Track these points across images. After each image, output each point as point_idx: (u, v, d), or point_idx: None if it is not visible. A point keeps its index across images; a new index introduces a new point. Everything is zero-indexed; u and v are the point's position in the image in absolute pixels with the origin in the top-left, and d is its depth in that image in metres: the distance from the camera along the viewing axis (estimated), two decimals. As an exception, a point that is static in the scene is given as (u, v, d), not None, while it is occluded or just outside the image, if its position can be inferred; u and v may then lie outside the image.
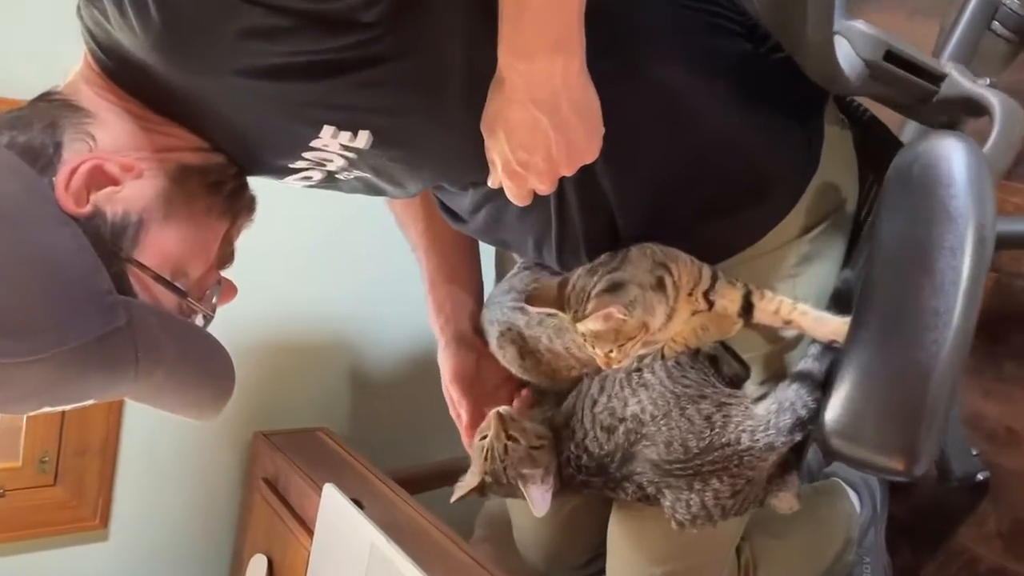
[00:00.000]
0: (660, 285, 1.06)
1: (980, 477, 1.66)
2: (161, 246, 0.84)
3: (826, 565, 1.50)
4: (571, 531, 1.41)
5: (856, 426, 0.95)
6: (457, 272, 1.33)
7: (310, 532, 1.58)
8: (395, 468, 1.83)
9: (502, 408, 1.18)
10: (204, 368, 0.84)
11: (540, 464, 1.15)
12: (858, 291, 1.02)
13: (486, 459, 1.16)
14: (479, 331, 1.32)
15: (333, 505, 1.54)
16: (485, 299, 1.36)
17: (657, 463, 1.11)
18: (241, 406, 1.80)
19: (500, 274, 1.43)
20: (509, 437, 1.15)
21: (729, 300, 1.07)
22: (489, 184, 0.95)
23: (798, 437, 1.07)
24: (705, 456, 1.07)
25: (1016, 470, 1.66)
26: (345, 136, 0.88)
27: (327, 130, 0.87)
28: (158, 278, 0.83)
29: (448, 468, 1.92)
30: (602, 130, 0.85)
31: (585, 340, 1.07)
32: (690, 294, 1.07)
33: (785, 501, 1.13)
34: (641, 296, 1.03)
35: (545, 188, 0.92)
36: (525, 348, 1.24)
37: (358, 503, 1.52)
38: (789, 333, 1.13)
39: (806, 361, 1.13)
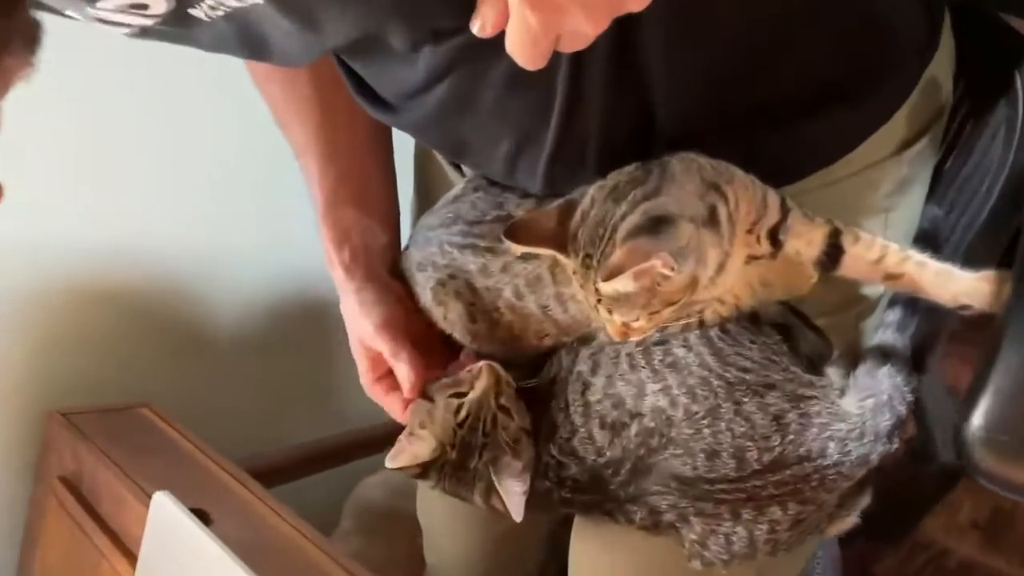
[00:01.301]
0: (712, 219, 0.69)
1: (894, 447, 1.42)
2: None
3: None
4: (508, 556, 1.06)
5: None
6: (367, 190, 0.92)
7: (130, 555, 1.12)
8: (248, 456, 1.38)
9: (494, 362, 0.82)
10: None
11: (523, 456, 0.80)
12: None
13: (460, 425, 0.79)
14: (398, 277, 0.91)
15: (165, 518, 1.08)
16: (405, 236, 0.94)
17: (690, 481, 0.75)
18: (29, 374, 1.31)
19: (422, 198, 1.00)
20: (501, 407, 0.79)
21: (806, 242, 0.72)
22: (475, 30, 0.54)
23: (895, 445, 0.73)
24: (770, 475, 0.72)
25: (1001, 452, 1.42)
26: None
27: None
28: None
29: (315, 452, 1.51)
30: None
31: (597, 303, 0.68)
32: (749, 231, 0.71)
33: (848, 523, 0.80)
34: (695, 238, 0.66)
35: (593, 28, 0.52)
36: (477, 305, 0.85)
37: (201, 514, 1.08)
38: (872, 291, 0.79)
39: (884, 333, 0.80)
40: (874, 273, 0.72)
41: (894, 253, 0.71)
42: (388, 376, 0.87)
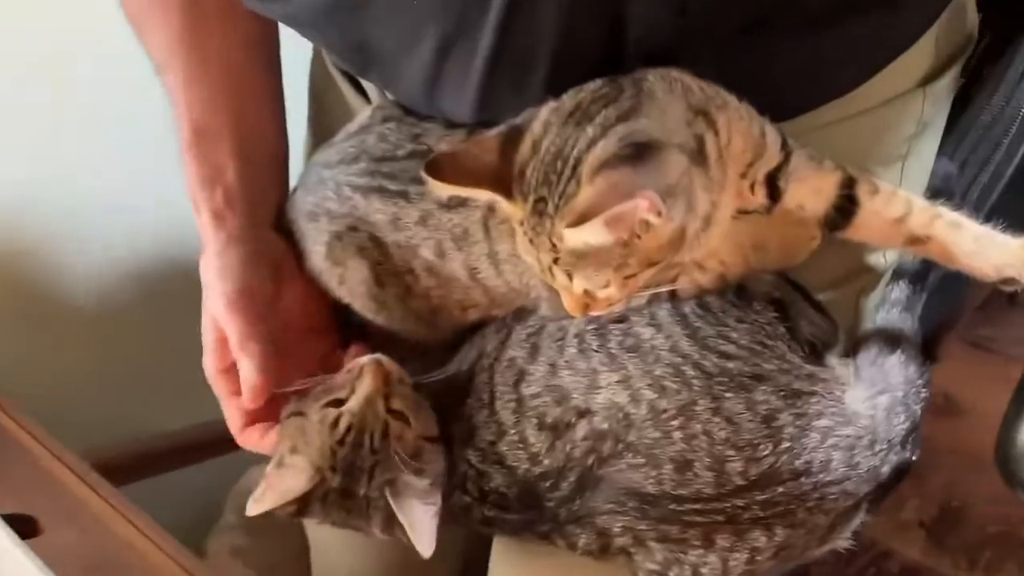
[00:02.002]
0: (700, 154, 0.51)
1: (914, 457, 1.31)
2: None
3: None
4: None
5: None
6: (246, 117, 0.71)
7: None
8: (97, 447, 1.13)
9: (381, 356, 0.64)
10: None
11: (428, 471, 0.62)
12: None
13: (340, 442, 0.60)
14: (284, 231, 0.71)
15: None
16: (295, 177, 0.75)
17: (652, 498, 0.59)
18: None
19: (318, 134, 0.80)
20: (393, 412, 0.61)
21: (811, 192, 0.57)
22: None
23: (910, 454, 0.59)
24: (757, 492, 0.57)
25: (951, 447, 1.33)
26: None
27: None
28: None
29: (184, 442, 1.29)
30: None
31: (553, 264, 0.50)
32: (742, 175, 0.55)
33: (840, 546, 0.65)
34: (687, 176, 0.49)
35: None
36: (385, 266, 0.67)
37: (25, 521, 0.87)
38: (878, 261, 0.64)
39: (889, 313, 0.66)
40: (894, 235, 0.57)
41: (922, 210, 0.56)
42: (235, 370, 0.67)
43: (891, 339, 0.63)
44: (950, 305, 0.67)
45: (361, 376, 0.62)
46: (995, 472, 1.36)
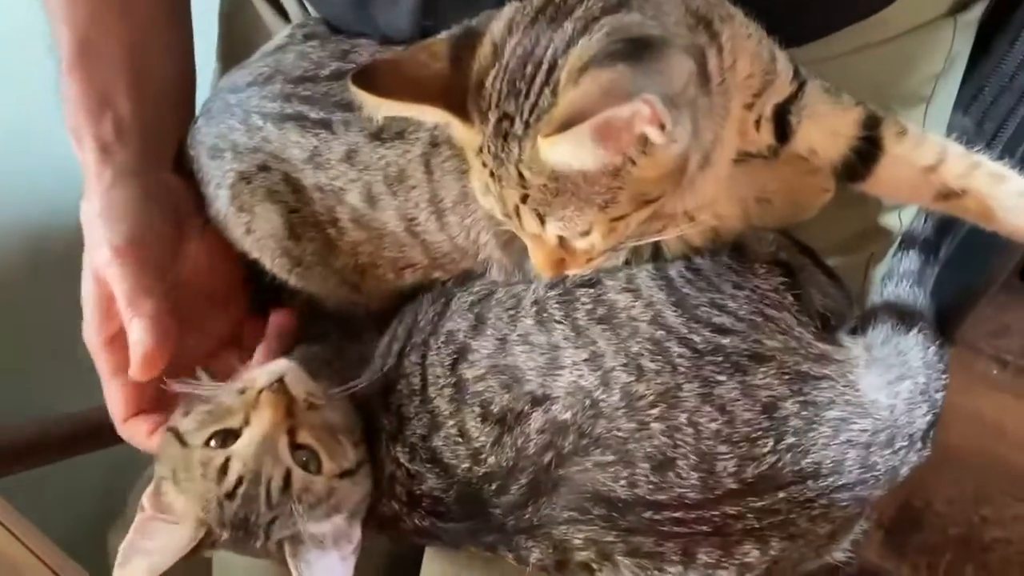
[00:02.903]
0: (701, 73, 0.41)
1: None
2: None
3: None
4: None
5: None
6: (143, 35, 0.59)
7: None
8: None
9: (286, 362, 0.52)
10: None
11: (345, 505, 0.51)
12: None
13: (230, 496, 0.48)
14: (185, 172, 0.59)
15: None
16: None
17: (623, 504, 0.48)
18: None
19: (229, 60, 0.66)
20: (300, 448, 0.50)
21: (827, 132, 0.47)
22: None
23: (928, 452, 0.49)
24: (752, 498, 0.47)
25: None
26: None
27: None
28: None
29: (72, 428, 1.09)
30: None
31: (520, 204, 0.40)
32: (748, 106, 0.45)
33: (836, 558, 0.55)
34: (693, 86, 0.38)
35: None
36: (301, 214, 0.55)
37: None
38: (893, 222, 0.54)
39: (899, 287, 0.57)
40: (922, 188, 0.47)
41: (958, 157, 0.46)
42: (125, 337, 0.55)
43: (904, 316, 0.53)
44: (971, 279, 0.57)
45: (258, 406, 0.49)
46: (958, 471, 1.30)
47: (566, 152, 0.36)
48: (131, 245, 0.54)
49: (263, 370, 0.52)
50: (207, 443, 0.49)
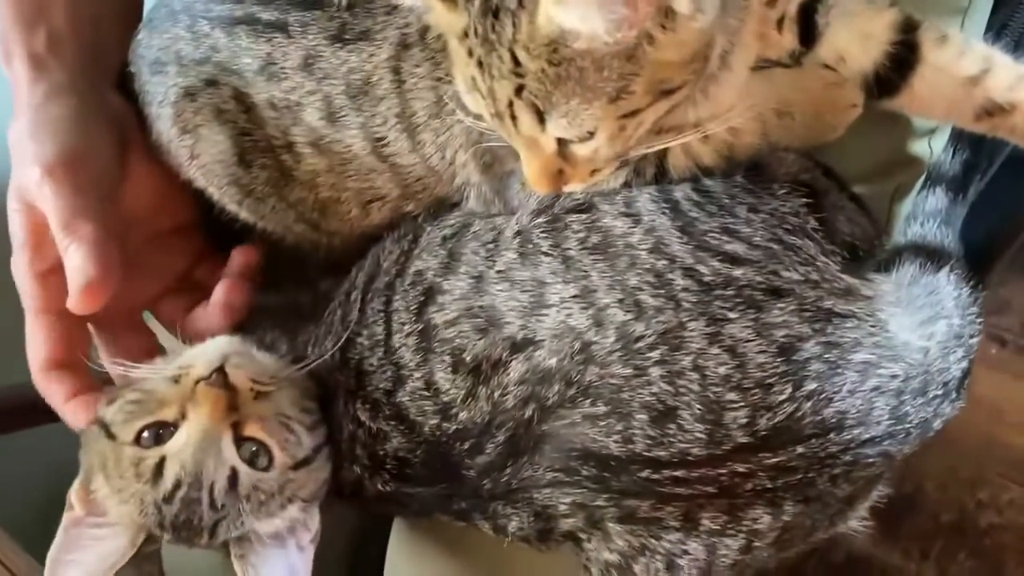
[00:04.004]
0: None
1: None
2: None
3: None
4: None
5: None
6: None
7: None
8: None
9: (226, 342, 0.46)
10: None
11: (302, 493, 0.45)
12: None
13: (168, 499, 0.43)
14: (128, 92, 0.53)
15: None
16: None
17: (615, 462, 0.42)
18: None
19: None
20: (247, 441, 0.44)
21: (858, 37, 0.41)
22: None
23: (962, 402, 0.44)
24: (766, 454, 0.41)
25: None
26: None
27: None
28: None
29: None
30: None
31: (516, 98, 0.35)
32: (770, 2, 0.40)
33: (851, 527, 0.51)
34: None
35: None
36: (254, 137, 0.49)
37: None
38: (922, 149, 0.51)
39: (925, 227, 0.52)
40: (962, 103, 0.42)
41: (1005, 67, 0.41)
42: (60, 272, 0.48)
43: (932, 255, 0.47)
44: (1001, 222, 0.52)
45: (195, 399, 0.43)
46: (953, 453, 1.26)
47: (575, 14, 0.30)
48: (65, 164, 0.47)
49: (200, 353, 0.45)
50: (137, 439, 0.43)
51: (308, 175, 0.49)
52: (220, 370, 0.44)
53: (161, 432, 0.43)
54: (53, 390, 0.49)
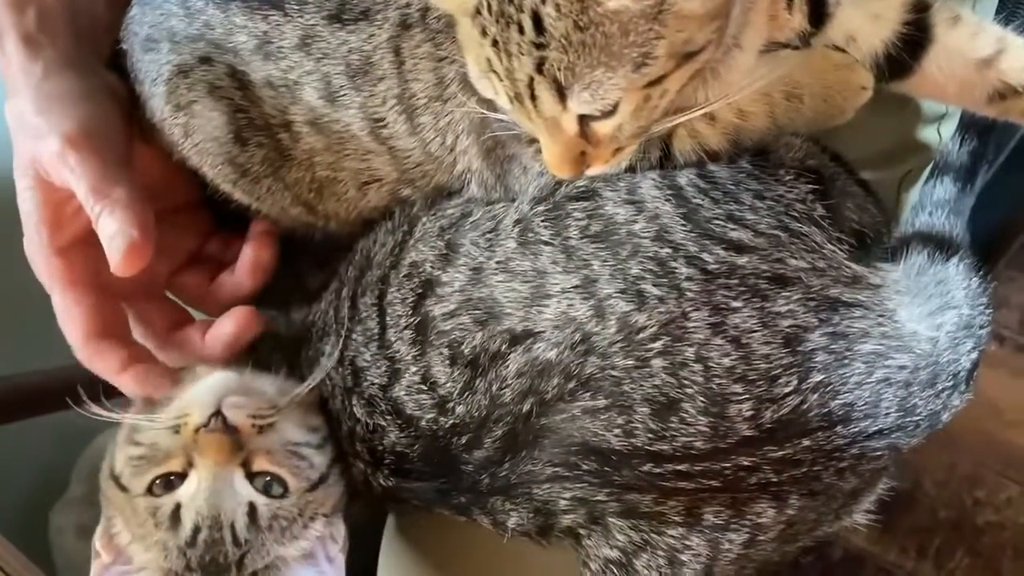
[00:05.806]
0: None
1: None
2: None
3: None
4: None
5: None
6: None
7: None
8: None
9: (221, 380, 0.45)
10: None
11: (325, 507, 0.45)
12: None
13: (191, 543, 0.43)
14: (120, 70, 0.51)
15: None
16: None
17: (617, 456, 0.42)
18: None
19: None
20: (259, 475, 0.44)
21: (867, 17, 0.41)
22: None
23: (970, 394, 0.43)
24: (772, 447, 0.40)
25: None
26: None
27: None
28: None
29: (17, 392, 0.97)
30: None
31: (537, 75, 0.34)
32: None
33: (855, 521, 0.50)
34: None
35: None
36: (249, 115, 0.47)
37: None
38: (931, 136, 0.50)
39: (933, 216, 0.51)
40: (975, 86, 0.41)
41: (1020, 48, 0.40)
42: (82, 247, 0.46)
43: (941, 245, 0.46)
44: (1009, 212, 0.51)
45: (198, 448, 0.43)
46: (950, 450, 1.25)
47: None
48: (86, 133, 0.46)
49: (195, 398, 0.44)
50: (150, 490, 0.43)
51: (305, 154, 0.47)
52: (218, 413, 0.43)
53: (172, 478, 0.43)
54: (103, 361, 0.47)
